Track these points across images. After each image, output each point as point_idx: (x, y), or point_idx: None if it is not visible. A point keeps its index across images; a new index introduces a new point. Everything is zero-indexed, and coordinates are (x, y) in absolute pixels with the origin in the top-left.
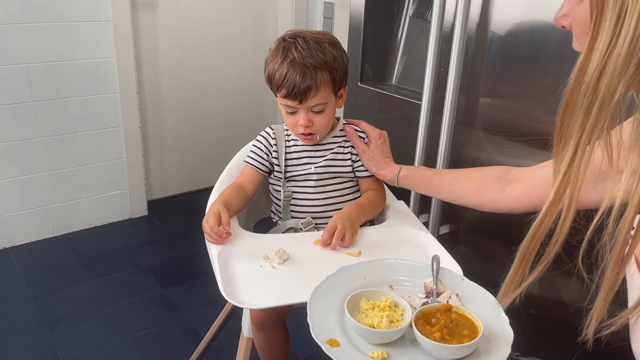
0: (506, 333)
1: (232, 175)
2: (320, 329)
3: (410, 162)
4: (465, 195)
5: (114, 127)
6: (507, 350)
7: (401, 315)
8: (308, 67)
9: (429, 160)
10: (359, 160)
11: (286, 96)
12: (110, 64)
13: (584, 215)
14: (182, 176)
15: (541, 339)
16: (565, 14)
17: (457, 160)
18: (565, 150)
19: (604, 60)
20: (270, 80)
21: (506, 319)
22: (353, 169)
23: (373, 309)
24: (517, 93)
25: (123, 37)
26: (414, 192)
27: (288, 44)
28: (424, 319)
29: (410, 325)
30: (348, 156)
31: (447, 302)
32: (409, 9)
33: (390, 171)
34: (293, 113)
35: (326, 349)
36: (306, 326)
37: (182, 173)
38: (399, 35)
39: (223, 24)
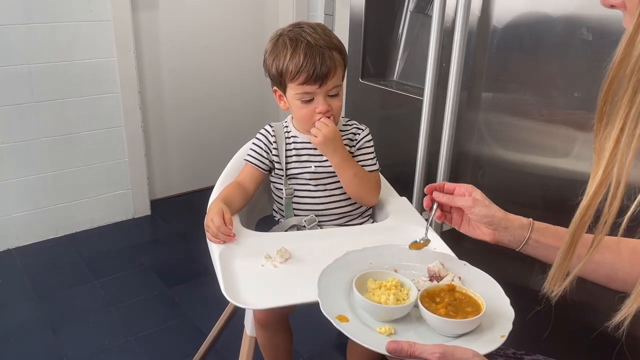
0: (508, 312)
1: (233, 174)
2: (330, 305)
3: (412, 159)
4: (619, 270)
5: (116, 127)
6: (509, 326)
7: (407, 294)
8: (324, 48)
9: (432, 156)
10: (356, 156)
11: (305, 81)
12: (111, 64)
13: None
14: (185, 175)
15: (546, 336)
16: None
17: (459, 156)
18: (610, 127)
19: None
20: (281, 73)
21: (507, 299)
22: None
23: (380, 289)
24: (520, 87)
25: (124, 37)
26: (413, 189)
27: (294, 33)
28: (429, 297)
29: (416, 303)
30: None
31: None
32: (410, 3)
33: (514, 230)
34: (309, 101)
35: (336, 323)
36: (309, 324)
37: (185, 172)
38: (400, 31)
39: (224, 21)
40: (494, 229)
